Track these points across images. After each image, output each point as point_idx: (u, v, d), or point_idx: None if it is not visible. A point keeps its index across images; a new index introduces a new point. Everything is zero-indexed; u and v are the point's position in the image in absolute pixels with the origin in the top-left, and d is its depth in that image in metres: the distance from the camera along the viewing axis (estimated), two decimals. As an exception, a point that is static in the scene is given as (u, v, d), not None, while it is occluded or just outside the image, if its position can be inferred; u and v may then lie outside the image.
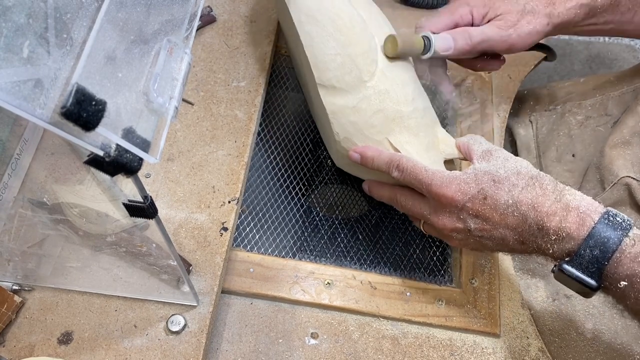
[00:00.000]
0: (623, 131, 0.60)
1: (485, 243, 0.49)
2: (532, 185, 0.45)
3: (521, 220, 0.45)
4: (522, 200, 0.45)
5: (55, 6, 0.28)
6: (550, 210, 0.44)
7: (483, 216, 0.47)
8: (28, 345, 0.48)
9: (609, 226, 0.42)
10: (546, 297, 0.60)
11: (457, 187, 0.47)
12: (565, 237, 0.43)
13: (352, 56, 0.52)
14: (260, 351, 0.53)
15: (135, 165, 0.28)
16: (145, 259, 0.49)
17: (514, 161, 0.48)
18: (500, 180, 0.46)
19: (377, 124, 0.53)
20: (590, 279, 0.42)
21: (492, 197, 0.46)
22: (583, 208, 0.43)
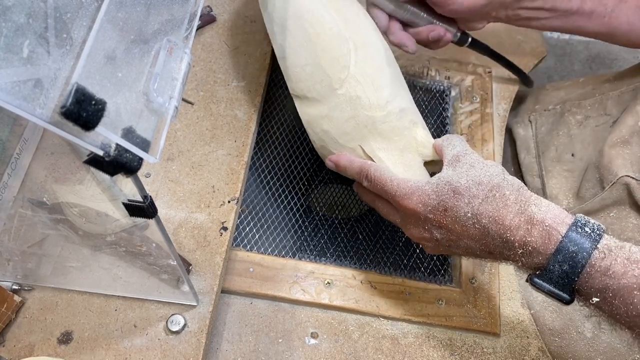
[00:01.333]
0: (622, 131, 0.60)
1: (455, 251, 0.48)
2: (492, 196, 0.43)
3: (483, 232, 0.44)
4: (483, 213, 0.43)
5: (55, 6, 0.28)
6: (513, 223, 0.42)
7: (445, 227, 0.46)
8: (28, 345, 0.48)
9: (578, 238, 0.40)
10: (546, 297, 0.60)
11: (417, 198, 0.46)
12: (531, 251, 0.41)
13: (322, 65, 0.52)
14: (260, 351, 0.53)
15: (135, 165, 0.28)
16: (145, 259, 0.49)
17: (479, 168, 0.46)
18: (459, 192, 0.44)
19: (349, 131, 0.53)
20: (562, 293, 0.41)
21: (452, 209, 0.45)
22: (549, 221, 0.41)
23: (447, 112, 0.72)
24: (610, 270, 0.39)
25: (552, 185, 0.65)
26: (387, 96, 0.53)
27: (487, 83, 0.73)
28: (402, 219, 0.50)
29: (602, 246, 0.40)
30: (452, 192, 0.45)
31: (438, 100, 0.73)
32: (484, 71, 0.74)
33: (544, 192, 0.65)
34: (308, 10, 0.53)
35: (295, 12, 0.54)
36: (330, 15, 0.53)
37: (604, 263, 0.39)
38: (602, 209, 0.59)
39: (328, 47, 0.52)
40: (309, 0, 0.54)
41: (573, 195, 0.63)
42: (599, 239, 0.40)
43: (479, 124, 0.70)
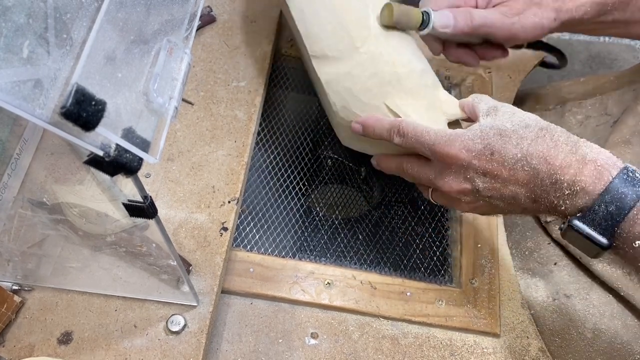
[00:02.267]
0: (623, 130, 0.60)
1: (496, 204, 0.46)
2: (542, 137, 0.42)
3: (532, 174, 0.42)
4: (533, 153, 0.42)
5: (55, 6, 0.28)
6: (564, 162, 0.41)
7: (491, 173, 0.44)
8: (28, 345, 0.48)
9: (628, 182, 0.39)
10: (546, 297, 0.60)
11: (461, 144, 0.44)
12: (579, 192, 0.40)
13: (343, 23, 0.52)
14: (260, 351, 0.53)
15: (135, 165, 0.28)
16: (145, 259, 0.49)
17: (521, 114, 0.45)
18: (507, 134, 0.43)
19: (373, 88, 0.51)
20: (601, 237, 0.40)
21: (500, 152, 0.43)
22: (600, 161, 0.40)
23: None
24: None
25: (552, 185, 0.65)
26: (409, 57, 0.52)
27: (487, 83, 0.73)
28: (438, 171, 0.47)
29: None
30: (499, 135, 0.43)
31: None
32: (484, 71, 0.74)
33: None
34: None
35: None
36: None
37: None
38: (602, 209, 0.59)
39: (349, 6, 0.52)
40: None
41: (573, 195, 0.62)
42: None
43: (479, 124, 0.70)
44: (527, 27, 0.54)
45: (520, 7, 0.54)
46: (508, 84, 0.74)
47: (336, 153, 0.67)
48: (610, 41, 1.16)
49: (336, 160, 0.68)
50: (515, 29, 0.54)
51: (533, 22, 0.54)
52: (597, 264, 0.58)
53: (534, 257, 0.63)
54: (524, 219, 0.67)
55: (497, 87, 0.73)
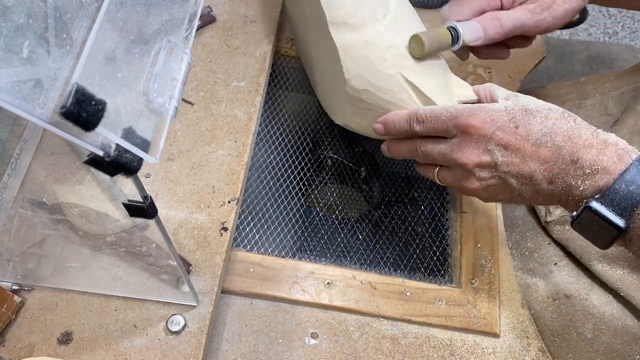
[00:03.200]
0: (623, 130, 0.60)
1: (510, 182, 0.45)
2: (566, 118, 0.44)
3: (555, 151, 0.42)
4: (557, 131, 0.43)
5: (55, 6, 0.28)
6: (587, 142, 0.42)
7: (513, 147, 0.44)
8: (28, 345, 0.48)
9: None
10: (546, 297, 0.60)
11: (486, 114, 0.45)
12: (600, 171, 0.41)
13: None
14: (260, 351, 0.53)
15: (135, 165, 0.28)
16: (145, 259, 0.49)
17: (541, 101, 0.46)
18: (532, 112, 0.44)
19: (389, 59, 0.52)
20: (619, 219, 0.40)
21: (525, 126, 0.43)
22: (621, 145, 0.42)
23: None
24: None
25: (552, 185, 0.65)
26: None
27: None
28: (457, 144, 0.47)
29: None
30: (524, 112, 0.44)
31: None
32: (484, 71, 0.74)
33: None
34: None
35: None
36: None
37: None
38: (602, 209, 0.59)
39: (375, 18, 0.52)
40: None
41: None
42: None
43: (479, 124, 0.70)
44: (558, 17, 0.53)
45: (548, 0, 0.53)
46: (508, 84, 0.74)
47: (336, 153, 0.67)
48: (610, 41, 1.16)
49: (336, 160, 0.68)
50: (547, 22, 0.53)
51: (564, 10, 0.53)
52: (597, 264, 0.58)
53: (534, 257, 0.63)
54: (524, 218, 0.67)
55: (497, 87, 0.73)
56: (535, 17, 0.53)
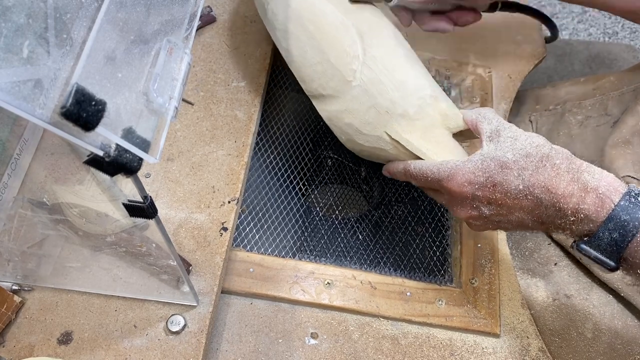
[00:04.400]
0: (623, 131, 0.60)
1: (505, 226, 0.47)
2: (543, 166, 0.43)
3: (536, 203, 0.43)
4: (535, 184, 0.43)
5: (55, 6, 0.28)
6: (567, 191, 0.42)
7: (495, 203, 0.45)
8: (28, 345, 0.48)
9: (630, 208, 0.40)
10: (546, 297, 0.60)
11: (463, 177, 0.46)
12: (583, 219, 0.41)
13: (331, 61, 0.52)
14: (260, 351, 0.53)
15: (135, 165, 0.28)
16: (145, 259, 0.49)
17: (523, 140, 0.45)
18: (508, 166, 0.44)
19: (371, 121, 0.52)
20: (608, 260, 0.41)
21: (502, 184, 0.44)
22: (602, 189, 0.41)
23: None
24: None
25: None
26: (402, 76, 0.52)
27: (487, 83, 0.73)
28: (448, 201, 0.50)
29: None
30: (500, 167, 0.44)
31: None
32: (484, 71, 0.74)
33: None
34: (305, 8, 0.53)
35: (294, 12, 0.53)
36: (329, 7, 0.53)
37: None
38: (602, 209, 0.59)
39: (333, 41, 0.52)
40: None
41: (573, 195, 0.62)
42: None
43: (479, 124, 0.70)
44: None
45: None
46: (508, 84, 0.74)
47: (336, 153, 0.67)
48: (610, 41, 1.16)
49: (336, 160, 0.68)
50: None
51: None
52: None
53: (534, 257, 0.63)
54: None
55: (497, 87, 0.73)
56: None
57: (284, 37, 0.55)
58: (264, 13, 0.57)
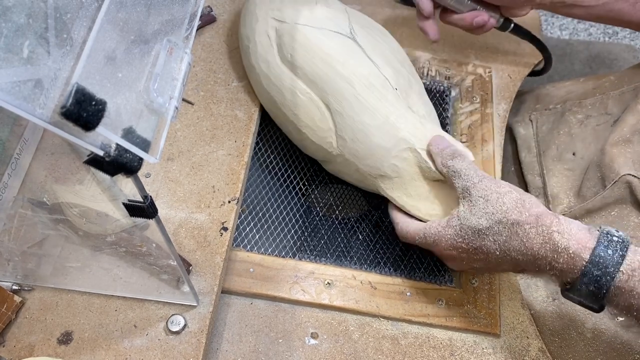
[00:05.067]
0: (623, 129, 0.60)
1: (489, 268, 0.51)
2: (514, 233, 0.45)
3: (516, 261, 0.46)
4: (510, 248, 0.46)
5: (55, 6, 0.28)
6: (540, 254, 0.44)
7: (481, 261, 0.49)
8: (28, 345, 0.48)
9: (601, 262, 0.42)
10: (546, 297, 0.60)
11: (446, 243, 0.50)
12: (560, 274, 0.44)
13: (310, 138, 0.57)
14: (260, 351, 0.53)
15: (135, 165, 0.28)
16: (145, 259, 0.49)
17: (494, 202, 0.46)
18: (483, 232, 0.47)
19: (362, 179, 0.57)
20: (593, 305, 0.44)
21: (481, 248, 0.47)
22: (572, 248, 0.43)
23: (447, 113, 0.72)
24: (634, 291, 0.41)
25: (553, 184, 0.65)
26: (376, 140, 0.54)
27: (487, 83, 0.73)
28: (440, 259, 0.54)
29: (625, 267, 0.42)
30: (477, 234, 0.47)
31: (438, 101, 0.73)
32: (484, 71, 0.74)
33: (545, 191, 0.65)
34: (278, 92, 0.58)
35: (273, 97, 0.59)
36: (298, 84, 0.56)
37: (628, 285, 0.41)
38: (603, 207, 0.59)
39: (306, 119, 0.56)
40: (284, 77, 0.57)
41: (574, 194, 0.63)
42: (622, 260, 0.42)
43: (479, 124, 0.70)
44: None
45: None
46: (508, 84, 0.74)
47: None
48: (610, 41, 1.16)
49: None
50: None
51: None
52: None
53: None
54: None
55: (497, 87, 0.73)
56: None
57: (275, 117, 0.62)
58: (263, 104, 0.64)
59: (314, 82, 0.55)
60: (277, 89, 0.58)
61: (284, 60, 0.57)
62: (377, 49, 0.57)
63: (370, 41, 0.57)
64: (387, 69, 0.56)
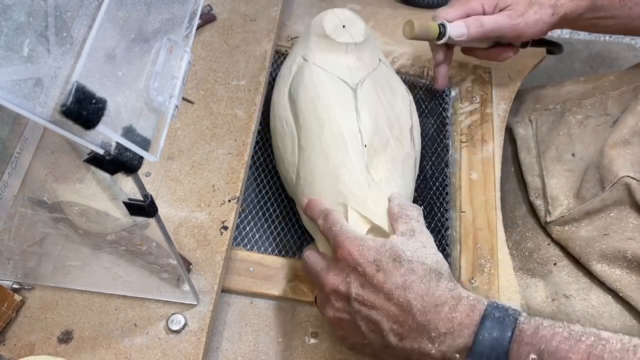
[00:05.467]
0: (623, 131, 0.60)
1: (359, 324, 0.44)
2: (429, 278, 0.43)
3: (406, 305, 0.42)
4: (414, 288, 0.42)
5: (56, 4, 0.28)
6: (440, 300, 0.42)
7: (370, 285, 0.43)
8: (28, 344, 0.48)
9: (501, 307, 0.41)
10: (546, 297, 0.60)
11: (358, 245, 0.45)
12: (456, 329, 0.41)
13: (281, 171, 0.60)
14: (260, 350, 0.53)
15: (136, 164, 0.28)
16: (146, 258, 0.49)
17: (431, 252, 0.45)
18: (400, 260, 0.43)
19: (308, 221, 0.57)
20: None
21: (385, 273, 0.43)
22: (472, 297, 0.42)
23: (447, 113, 0.72)
24: (539, 332, 0.39)
25: (552, 185, 0.65)
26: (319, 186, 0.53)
27: (487, 83, 0.73)
28: (328, 264, 0.48)
29: (524, 313, 0.41)
30: (393, 259, 0.44)
31: (438, 101, 0.73)
32: (484, 71, 0.74)
33: (544, 192, 0.65)
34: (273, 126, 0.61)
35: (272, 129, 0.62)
36: (290, 119, 0.58)
37: (532, 324, 0.39)
38: (602, 209, 0.59)
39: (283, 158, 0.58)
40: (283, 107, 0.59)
41: (573, 195, 0.63)
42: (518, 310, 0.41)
43: (478, 124, 0.70)
44: (530, 24, 0.62)
45: (522, 9, 0.62)
46: (508, 84, 0.74)
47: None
48: (610, 40, 1.16)
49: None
50: (520, 27, 0.62)
51: (535, 19, 0.62)
52: (596, 265, 0.58)
53: (533, 257, 0.63)
54: (524, 218, 0.67)
55: (497, 87, 0.73)
56: (511, 20, 0.62)
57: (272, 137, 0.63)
58: None
59: (297, 116, 0.57)
60: (275, 116, 0.61)
61: (289, 93, 0.60)
62: (372, 103, 0.56)
63: (370, 96, 0.57)
64: (367, 123, 0.54)
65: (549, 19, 0.61)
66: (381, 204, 0.51)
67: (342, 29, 0.60)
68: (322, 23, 0.60)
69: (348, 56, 0.60)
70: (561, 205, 0.63)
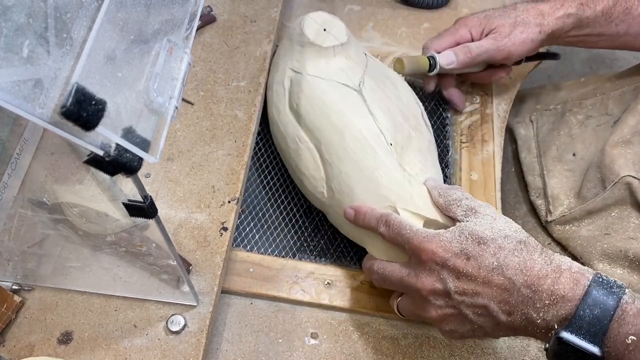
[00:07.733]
0: (624, 130, 0.60)
1: (465, 313, 0.44)
2: (519, 249, 0.43)
3: (508, 284, 0.42)
4: (509, 264, 0.42)
5: (55, 6, 0.28)
6: (541, 272, 0.41)
7: (465, 277, 0.43)
8: (28, 345, 0.48)
9: (605, 283, 0.40)
10: None
11: (438, 243, 0.45)
12: (559, 300, 0.40)
13: (306, 186, 0.58)
14: (260, 351, 0.53)
15: (135, 165, 0.28)
16: (145, 259, 0.49)
17: (502, 222, 0.45)
18: (485, 242, 0.43)
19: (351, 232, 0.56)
20: (592, 346, 0.39)
21: (476, 258, 0.43)
22: (575, 269, 0.41)
23: (447, 113, 0.72)
24: None
25: (553, 184, 0.65)
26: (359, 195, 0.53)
27: (487, 83, 0.73)
28: (413, 268, 0.47)
29: (629, 291, 0.40)
30: (477, 242, 0.44)
31: (438, 101, 0.73)
32: (484, 71, 0.74)
33: (545, 192, 0.65)
34: (282, 140, 0.60)
35: (279, 146, 0.62)
36: (300, 133, 0.57)
37: (636, 305, 0.39)
38: (603, 208, 0.59)
39: (303, 169, 0.57)
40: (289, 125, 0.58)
41: (574, 195, 0.63)
42: (624, 288, 0.40)
43: (479, 125, 0.70)
44: (517, 43, 0.63)
45: (508, 30, 0.63)
46: (508, 85, 0.74)
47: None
48: (610, 41, 1.16)
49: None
50: (508, 47, 0.63)
51: (522, 38, 0.63)
52: (597, 264, 0.58)
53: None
54: (524, 219, 0.67)
55: (497, 87, 0.73)
56: (497, 42, 0.63)
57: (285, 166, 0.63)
58: None
59: (311, 131, 0.56)
60: (283, 136, 0.59)
61: (291, 109, 0.59)
62: (382, 102, 0.56)
63: (377, 94, 0.57)
64: (386, 123, 0.54)
65: (536, 36, 0.63)
66: (426, 196, 0.52)
67: (324, 32, 0.59)
68: (303, 31, 0.59)
69: (337, 58, 0.59)
70: (562, 205, 0.63)
